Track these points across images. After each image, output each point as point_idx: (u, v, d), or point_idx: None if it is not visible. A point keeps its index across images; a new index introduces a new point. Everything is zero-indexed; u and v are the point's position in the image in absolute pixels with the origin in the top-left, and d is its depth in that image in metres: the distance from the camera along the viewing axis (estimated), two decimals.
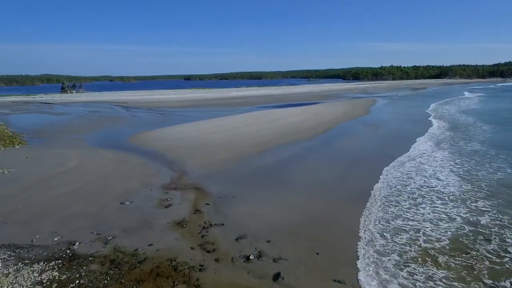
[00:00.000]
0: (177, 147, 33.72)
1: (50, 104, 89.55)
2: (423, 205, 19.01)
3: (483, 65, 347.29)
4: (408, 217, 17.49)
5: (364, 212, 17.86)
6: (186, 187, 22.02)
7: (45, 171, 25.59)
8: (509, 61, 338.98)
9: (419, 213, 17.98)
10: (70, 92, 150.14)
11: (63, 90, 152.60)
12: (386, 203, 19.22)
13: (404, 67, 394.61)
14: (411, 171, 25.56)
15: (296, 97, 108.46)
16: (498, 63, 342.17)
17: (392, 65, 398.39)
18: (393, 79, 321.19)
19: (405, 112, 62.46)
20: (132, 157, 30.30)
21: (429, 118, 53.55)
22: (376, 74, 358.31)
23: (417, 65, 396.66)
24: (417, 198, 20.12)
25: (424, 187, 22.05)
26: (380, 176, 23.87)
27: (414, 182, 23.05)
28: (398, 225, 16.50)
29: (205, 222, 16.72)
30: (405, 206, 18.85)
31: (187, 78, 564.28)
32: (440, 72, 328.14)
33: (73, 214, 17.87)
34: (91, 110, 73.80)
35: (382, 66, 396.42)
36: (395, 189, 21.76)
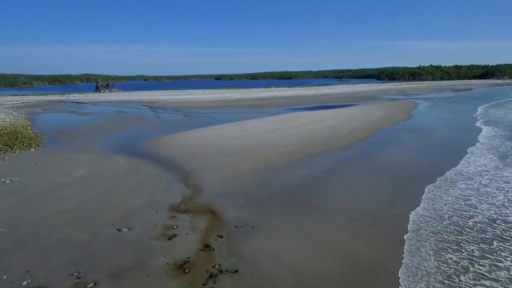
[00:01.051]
0: (196, 155, 30.34)
1: (80, 104, 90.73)
2: (504, 254, 13.85)
3: None
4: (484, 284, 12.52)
5: (410, 261, 13.17)
6: (198, 209, 18.36)
7: (48, 181, 23.08)
8: None
9: (500, 272, 12.89)
10: (103, 91, 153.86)
11: (97, 89, 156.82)
12: (441, 246, 14.31)
13: (445, 66, 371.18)
14: (470, 196, 20.24)
15: (328, 98, 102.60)
16: None
17: (431, 65, 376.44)
18: (433, 79, 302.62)
19: (451, 117, 55.36)
20: (146, 165, 27.29)
21: (477, 124, 46.60)
22: (414, 74, 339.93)
23: (459, 64, 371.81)
24: (488, 240, 14.97)
25: (499, 222, 16.79)
26: (422, 201, 18.86)
27: (481, 213, 17.82)
28: None
29: (214, 267, 12.88)
30: (473, 257, 13.77)
31: (218, 78, 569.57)
32: (486, 72, 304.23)
33: (58, 243, 14.76)
34: (118, 110, 73.12)
35: (420, 66, 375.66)
36: (448, 221, 16.70)
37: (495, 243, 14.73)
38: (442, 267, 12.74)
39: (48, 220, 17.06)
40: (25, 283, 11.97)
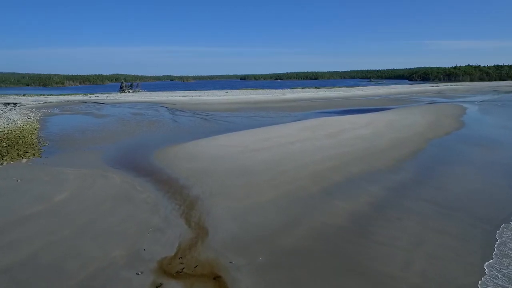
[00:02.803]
0: (207, 173, 24.73)
1: (100, 104, 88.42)
2: None
3: None
4: None
5: None
6: (197, 272, 12.62)
7: (14, 210, 18.22)
8: None
9: None
10: (128, 91, 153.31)
11: (121, 89, 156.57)
12: None
13: (484, 66, 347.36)
14: None
15: (360, 101, 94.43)
16: None
17: (468, 64, 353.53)
18: (471, 80, 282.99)
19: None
20: (144, 187, 21.99)
21: None
22: (449, 74, 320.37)
23: (500, 64, 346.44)
24: None
25: None
26: None
27: None
28: None
29: None
30: None
31: (243, 78, 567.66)
32: None
33: None
34: (135, 112, 69.43)
35: (456, 66, 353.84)
36: None
37: None
38: None
39: None
40: None
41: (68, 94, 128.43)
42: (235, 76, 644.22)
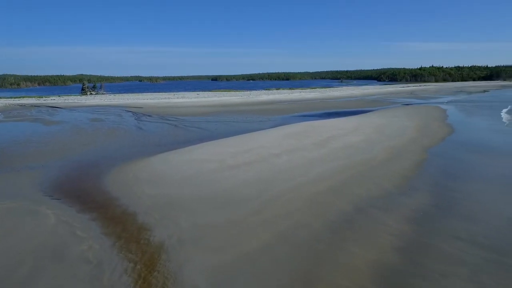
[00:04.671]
0: (176, 204, 19.04)
1: (55, 109, 78.85)
2: None
3: None
4: None
5: None
6: None
7: None
8: None
9: None
10: (90, 93, 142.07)
11: (83, 91, 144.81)
12: None
13: (446, 67, 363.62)
14: None
15: (338, 103, 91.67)
16: None
17: (432, 66, 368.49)
18: (435, 80, 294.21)
19: (504, 128, 44.47)
20: (87, 230, 15.97)
21: None
22: (415, 75, 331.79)
23: (460, 65, 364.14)
24: None
25: None
26: None
27: None
28: None
29: None
30: None
31: (214, 78, 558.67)
32: (491, 74, 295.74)
33: None
34: (94, 118, 61.53)
35: (421, 67, 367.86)
36: None
37: None
38: None
39: None
40: None
41: (21, 97, 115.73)
42: (207, 76, 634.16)
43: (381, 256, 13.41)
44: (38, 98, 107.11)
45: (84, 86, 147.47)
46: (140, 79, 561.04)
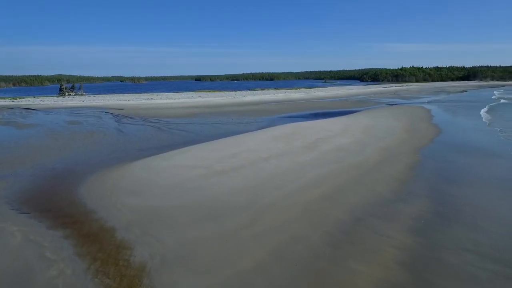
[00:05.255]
0: (159, 217, 17.39)
1: (29, 111, 74.79)
2: None
3: None
4: None
5: None
6: None
7: None
8: None
9: None
10: (68, 94, 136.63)
11: (60, 92, 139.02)
12: None
13: (426, 68, 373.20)
14: None
15: (323, 103, 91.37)
16: None
17: (412, 66, 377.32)
18: (416, 80, 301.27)
19: (486, 128, 44.81)
20: (58, 251, 14.15)
21: None
22: (397, 75, 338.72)
23: (439, 66, 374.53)
24: None
25: None
26: None
27: None
28: None
29: None
30: None
31: (198, 79, 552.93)
32: (468, 74, 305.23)
33: None
34: (72, 120, 58.47)
35: (402, 67, 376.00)
36: None
37: None
38: None
39: None
40: None
41: None
42: (190, 77, 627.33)
43: (386, 273, 12.29)
44: (12, 100, 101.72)
45: (62, 87, 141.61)
46: (121, 79, 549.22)
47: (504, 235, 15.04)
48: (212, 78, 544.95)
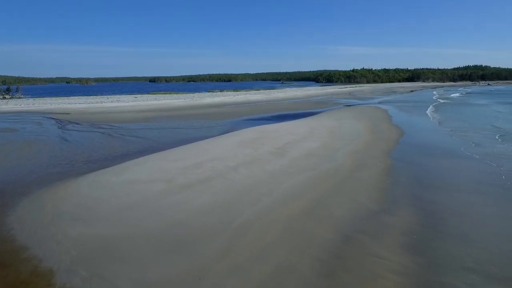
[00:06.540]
0: (111, 251, 14.10)
1: None
2: None
3: (453, 68, 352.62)
4: None
5: None
6: None
7: None
8: (476, 65, 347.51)
9: None
10: (3, 98, 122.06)
11: None
12: None
13: (375, 70, 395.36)
14: None
15: (284, 104, 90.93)
16: (467, 66, 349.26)
17: (363, 68, 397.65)
18: (367, 81, 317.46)
19: (438, 127, 46.62)
20: None
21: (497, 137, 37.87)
22: (349, 76, 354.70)
23: (386, 68, 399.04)
24: None
25: None
26: None
27: None
28: None
29: None
30: None
31: (153, 80, 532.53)
32: (412, 75, 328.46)
33: None
34: (5, 128, 50.93)
35: (354, 69, 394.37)
36: None
37: None
38: None
39: None
40: None
41: None
42: (144, 78, 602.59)
43: None
44: None
45: None
46: (68, 80, 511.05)
47: (499, 247, 14.13)
48: (167, 80, 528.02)
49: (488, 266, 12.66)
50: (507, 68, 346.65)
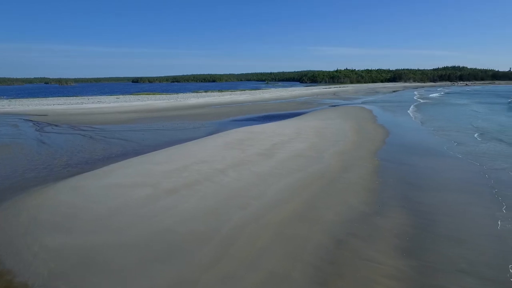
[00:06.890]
0: (92, 262, 13.22)
1: None
2: None
3: (432, 69, 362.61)
4: None
5: None
6: None
7: None
8: (454, 66, 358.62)
9: None
10: None
11: None
12: None
13: (358, 70, 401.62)
14: None
15: (270, 105, 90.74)
16: (446, 67, 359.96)
17: (346, 68, 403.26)
18: (350, 82, 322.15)
19: (421, 127, 47.45)
20: None
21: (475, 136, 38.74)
22: (333, 77, 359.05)
23: (369, 68, 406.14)
24: None
25: None
26: None
27: None
28: None
29: None
30: None
31: (135, 80, 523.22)
32: (394, 76, 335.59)
33: None
34: None
35: (337, 69, 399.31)
36: None
37: None
38: None
39: None
40: None
41: None
42: (127, 78, 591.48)
43: None
44: None
45: None
46: (46, 81, 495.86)
47: (490, 248, 14.12)
48: (150, 80, 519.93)
49: (481, 268, 12.59)
50: (483, 69, 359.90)
